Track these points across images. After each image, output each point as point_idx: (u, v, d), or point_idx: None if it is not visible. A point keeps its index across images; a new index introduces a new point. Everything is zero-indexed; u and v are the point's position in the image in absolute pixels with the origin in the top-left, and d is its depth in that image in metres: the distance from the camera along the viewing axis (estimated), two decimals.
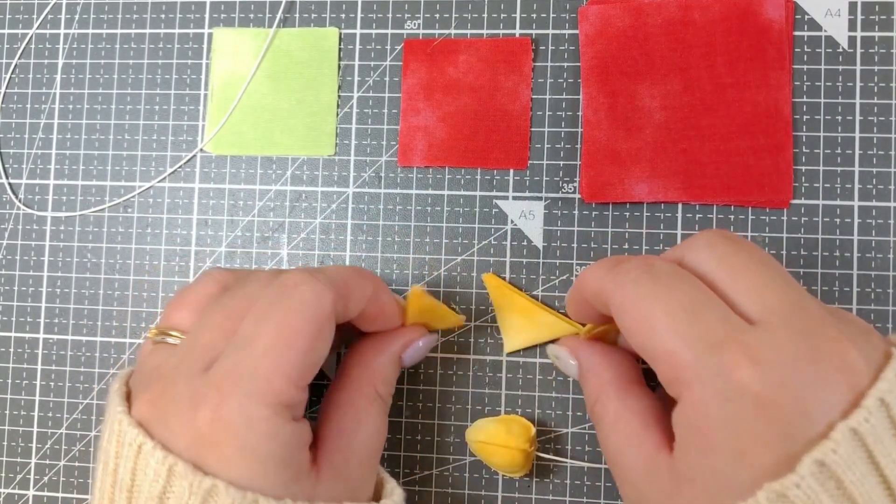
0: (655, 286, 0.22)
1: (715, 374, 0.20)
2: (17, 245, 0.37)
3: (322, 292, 0.24)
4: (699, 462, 0.21)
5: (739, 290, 0.22)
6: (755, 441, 0.19)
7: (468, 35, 0.35)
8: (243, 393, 0.22)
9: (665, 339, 0.21)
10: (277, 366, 0.22)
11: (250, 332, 0.23)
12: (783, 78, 0.32)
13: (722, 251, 0.23)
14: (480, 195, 0.34)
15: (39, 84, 0.37)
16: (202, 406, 0.22)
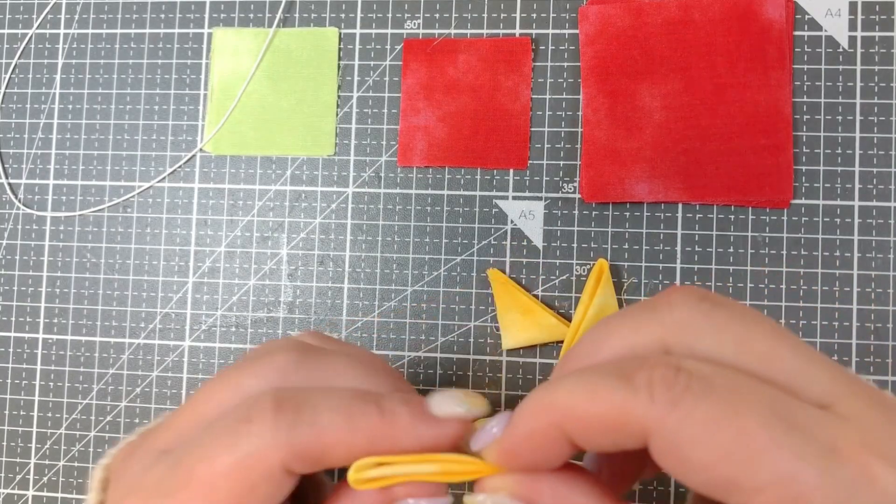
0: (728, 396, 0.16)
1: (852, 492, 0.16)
2: (17, 245, 0.37)
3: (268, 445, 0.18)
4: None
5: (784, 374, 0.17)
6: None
7: (468, 35, 0.35)
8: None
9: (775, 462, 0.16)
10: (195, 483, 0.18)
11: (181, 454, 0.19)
12: (783, 78, 0.32)
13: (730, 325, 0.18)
14: (480, 195, 0.34)
15: (39, 84, 0.37)
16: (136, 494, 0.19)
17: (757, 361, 0.17)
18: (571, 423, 0.18)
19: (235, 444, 0.18)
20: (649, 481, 0.32)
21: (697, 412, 0.16)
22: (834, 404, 0.17)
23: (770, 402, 0.16)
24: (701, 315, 0.19)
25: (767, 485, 0.16)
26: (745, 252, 0.33)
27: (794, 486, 0.16)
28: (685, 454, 0.16)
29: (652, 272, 0.33)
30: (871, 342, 0.32)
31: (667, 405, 0.16)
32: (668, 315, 0.19)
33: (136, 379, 0.35)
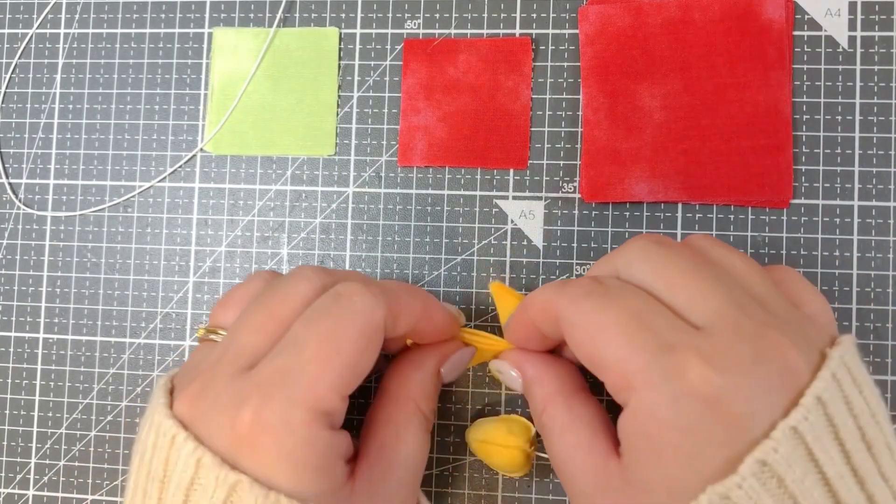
0: (605, 298, 0.22)
1: (665, 378, 0.20)
2: (17, 245, 0.37)
3: (375, 305, 0.24)
4: (650, 467, 0.21)
5: (680, 298, 0.22)
6: (705, 443, 0.20)
7: (468, 35, 0.35)
8: (285, 396, 0.22)
9: (615, 348, 0.21)
10: (323, 373, 0.22)
11: (299, 336, 0.23)
12: (783, 78, 0.32)
13: (655, 263, 0.23)
14: (480, 195, 0.34)
15: (39, 84, 0.37)
16: (243, 406, 0.22)
17: (662, 287, 0.23)
18: (529, 311, 0.26)
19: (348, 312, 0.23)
20: None
21: (585, 305, 0.23)
22: (705, 327, 0.21)
23: (640, 309, 0.22)
24: (641, 252, 0.24)
25: (611, 364, 0.22)
26: (745, 251, 0.33)
27: (623, 366, 0.21)
28: (572, 335, 0.23)
29: None
30: (870, 342, 0.32)
31: (571, 300, 0.23)
32: (621, 253, 0.24)
33: (136, 379, 0.35)
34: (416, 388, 0.27)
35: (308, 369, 0.22)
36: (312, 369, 0.22)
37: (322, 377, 0.22)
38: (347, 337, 0.23)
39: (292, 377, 0.22)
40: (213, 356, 0.24)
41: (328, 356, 0.22)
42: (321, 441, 0.22)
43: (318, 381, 0.22)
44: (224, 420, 0.22)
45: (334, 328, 0.23)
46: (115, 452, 0.35)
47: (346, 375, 0.23)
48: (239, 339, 0.24)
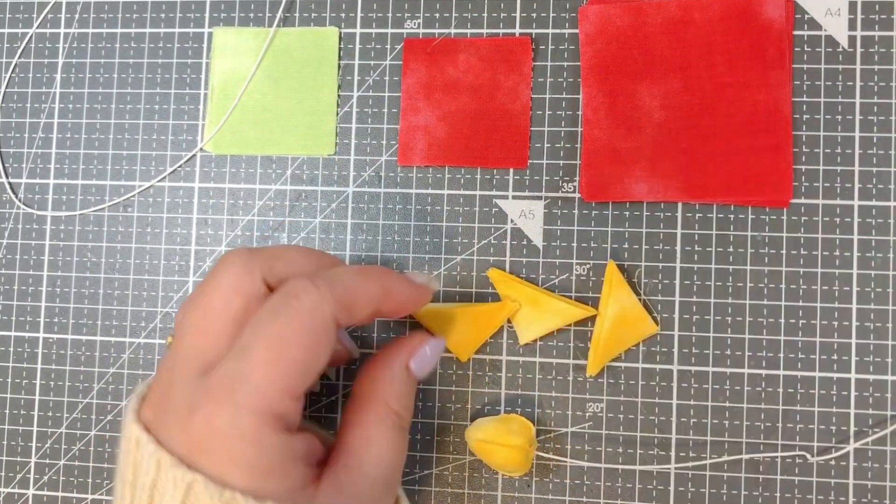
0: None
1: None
2: (17, 244, 0.37)
3: (322, 301, 0.23)
4: None
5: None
6: None
7: (468, 34, 0.35)
8: (234, 402, 0.22)
9: None
10: (271, 376, 0.22)
11: (247, 341, 0.23)
12: (783, 77, 0.32)
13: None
14: (480, 194, 0.34)
15: (39, 83, 0.37)
16: (195, 412, 0.22)
17: None
18: None
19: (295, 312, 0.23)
20: (650, 479, 0.32)
21: None
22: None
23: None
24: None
25: None
26: (745, 251, 0.33)
27: None
28: None
29: (652, 271, 0.33)
30: (870, 342, 0.32)
31: None
32: None
33: (136, 378, 0.35)
34: (385, 388, 0.27)
35: (255, 374, 0.22)
36: (260, 374, 0.22)
37: (270, 381, 0.22)
38: (294, 338, 0.23)
39: (240, 383, 0.22)
40: (167, 362, 0.25)
41: (275, 359, 0.22)
42: (272, 444, 0.22)
43: (266, 386, 0.22)
44: (179, 425, 0.22)
45: (281, 330, 0.23)
46: (116, 452, 0.35)
47: (294, 376, 0.23)
48: (184, 342, 0.24)
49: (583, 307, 0.32)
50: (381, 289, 0.26)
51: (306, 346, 0.23)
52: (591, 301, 0.33)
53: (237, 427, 0.22)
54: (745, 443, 0.32)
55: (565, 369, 0.33)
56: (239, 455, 0.22)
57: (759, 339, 0.32)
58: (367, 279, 0.26)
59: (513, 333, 0.33)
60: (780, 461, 0.32)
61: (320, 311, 0.23)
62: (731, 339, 0.33)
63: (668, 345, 0.33)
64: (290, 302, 0.23)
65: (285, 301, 0.23)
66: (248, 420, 0.22)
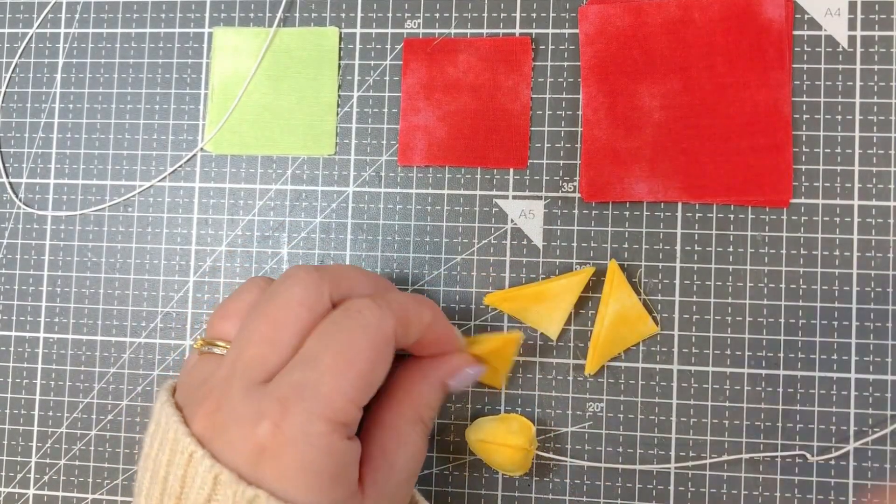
0: None
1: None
2: (18, 244, 0.37)
3: (384, 317, 0.24)
4: None
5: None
6: None
7: (468, 34, 0.35)
8: (305, 409, 0.22)
9: None
10: (340, 385, 0.23)
11: (314, 350, 0.24)
12: (783, 77, 0.32)
13: None
14: (480, 194, 0.34)
15: (39, 83, 0.37)
16: (263, 419, 0.22)
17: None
18: None
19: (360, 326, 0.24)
20: (650, 479, 0.32)
21: None
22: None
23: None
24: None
25: None
26: (745, 251, 0.33)
27: None
28: None
29: (652, 271, 0.33)
30: (870, 342, 0.32)
31: None
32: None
33: (136, 378, 0.35)
34: (421, 397, 0.27)
35: (325, 382, 0.23)
36: (329, 382, 0.23)
37: (339, 389, 0.23)
38: (361, 349, 0.24)
39: (310, 390, 0.23)
40: (222, 371, 0.25)
41: (344, 369, 0.23)
42: (340, 451, 0.23)
43: (336, 394, 0.23)
44: (244, 434, 0.22)
45: (348, 342, 0.24)
46: (116, 452, 0.35)
47: (361, 386, 0.23)
48: (247, 352, 0.24)
49: (579, 272, 0.33)
50: (431, 316, 0.27)
51: (371, 358, 0.24)
52: (591, 301, 0.33)
53: (309, 433, 0.22)
54: (745, 443, 0.32)
55: (565, 369, 0.33)
56: (310, 461, 0.22)
57: (759, 339, 0.32)
58: (420, 304, 0.27)
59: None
60: (780, 461, 0.32)
61: (383, 327, 0.24)
62: (731, 339, 0.33)
63: (668, 345, 0.33)
64: (354, 316, 0.24)
65: (350, 315, 0.24)
66: (320, 427, 0.22)
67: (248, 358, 0.24)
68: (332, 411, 0.23)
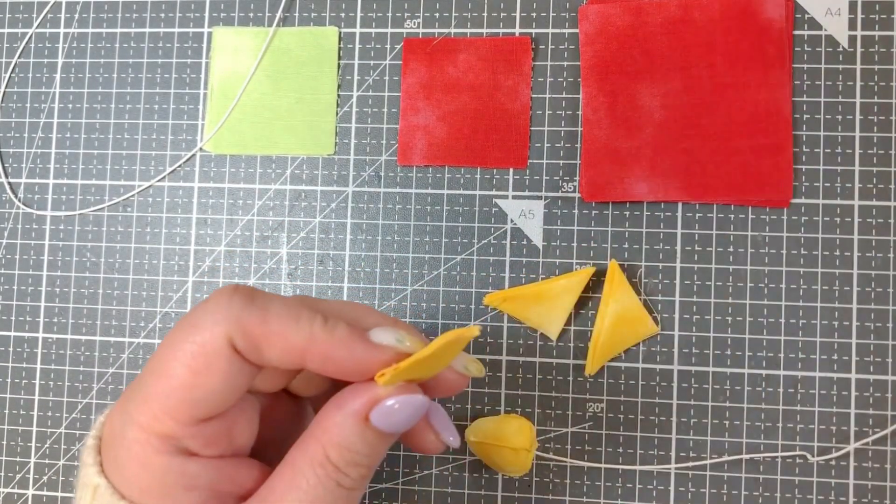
0: None
1: None
2: (17, 244, 0.37)
3: (216, 323, 0.20)
4: None
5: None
6: None
7: (468, 34, 0.35)
8: (126, 410, 0.21)
9: None
10: (154, 393, 0.21)
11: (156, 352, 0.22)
12: (783, 77, 0.32)
13: None
14: (480, 194, 0.34)
15: (39, 83, 0.37)
16: (109, 414, 0.22)
17: None
18: None
19: (193, 323, 0.21)
20: (650, 479, 0.32)
21: None
22: None
23: None
24: None
25: None
26: (745, 251, 0.33)
27: None
28: None
29: (652, 271, 0.33)
30: (871, 342, 0.32)
31: None
32: None
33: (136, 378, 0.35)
34: (332, 433, 0.21)
35: (143, 385, 0.21)
36: (147, 386, 0.21)
37: (152, 397, 0.21)
38: (179, 357, 0.20)
39: (135, 392, 0.21)
40: None
41: (160, 377, 0.21)
42: (155, 465, 0.21)
43: (150, 401, 0.21)
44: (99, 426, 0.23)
45: (170, 345, 0.21)
46: None
47: (179, 398, 0.20)
48: None
49: (579, 272, 0.33)
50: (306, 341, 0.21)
51: (192, 369, 0.20)
52: (591, 301, 0.33)
53: (125, 437, 0.21)
54: (745, 443, 0.32)
55: (565, 369, 0.33)
56: (124, 466, 0.21)
57: (759, 339, 0.32)
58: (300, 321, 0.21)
59: (512, 332, 0.33)
60: (780, 461, 0.32)
61: (211, 334, 0.20)
62: (731, 339, 0.32)
63: (668, 345, 0.33)
64: (188, 316, 0.21)
65: (196, 309, 0.21)
66: (133, 433, 0.21)
67: None
68: (146, 419, 0.20)
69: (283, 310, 0.21)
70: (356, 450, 0.21)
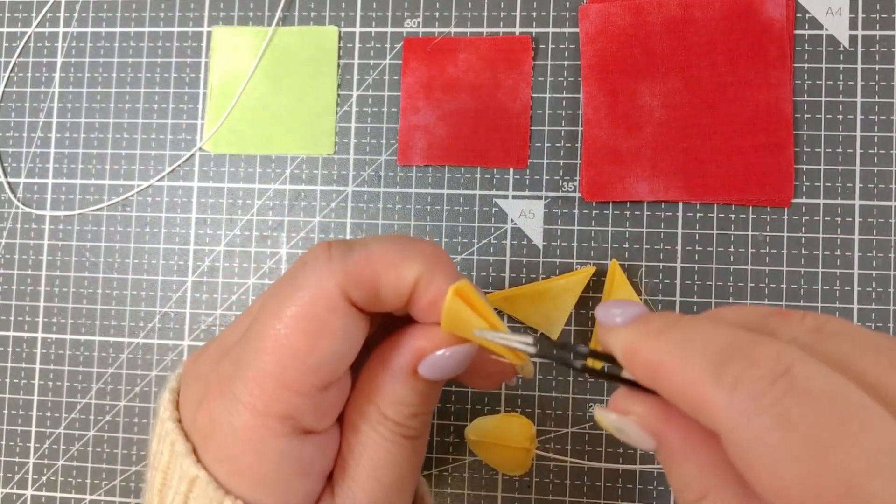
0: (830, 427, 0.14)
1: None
2: (16, 244, 0.37)
3: (324, 277, 0.19)
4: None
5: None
6: None
7: (468, 33, 0.35)
8: (233, 395, 0.19)
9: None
10: (268, 368, 0.19)
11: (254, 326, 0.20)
12: (784, 76, 0.32)
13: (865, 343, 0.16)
14: (480, 194, 0.34)
15: (38, 83, 0.37)
16: (203, 402, 0.20)
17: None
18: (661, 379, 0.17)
19: (296, 286, 0.19)
20: (650, 480, 0.32)
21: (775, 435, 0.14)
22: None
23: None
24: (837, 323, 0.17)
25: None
26: (746, 251, 0.33)
27: None
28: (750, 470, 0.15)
29: (652, 271, 0.33)
30: None
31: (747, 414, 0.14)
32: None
33: (135, 378, 0.35)
34: (382, 390, 0.21)
35: (252, 363, 0.19)
36: (255, 366, 0.19)
37: (266, 374, 0.19)
38: (290, 324, 0.19)
39: (239, 373, 0.19)
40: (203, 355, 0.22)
41: (270, 351, 0.19)
42: (272, 450, 0.19)
43: (262, 379, 0.19)
44: (191, 414, 0.20)
45: (278, 311, 0.19)
46: (114, 452, 0.35)
47: (299, 370, 0.19)
48: (225, 333, 0.22)
49: (579, 272, 0.33)
50: (419, 271, 0.19)
51: (306, 332, 0.19)
52: (591, 301, 0.33)
53: (233, 424, 0.19)
54: None
55: (565, 369, 0.33)
56: (234, 457, 0.19)
57: None
58: (405, 255, 0.20)
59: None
60: None
61: (320, 290, 0.19)
62: None
63: None
64: (293, 279, 0.19)
65: (292, 277, 0.20)
66: (245, 418, 0.19)
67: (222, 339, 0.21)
68: (261, 400, 0.19)
69: (386, 246, 0.20)
70: (410, 402, 0.21)
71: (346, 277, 0.19)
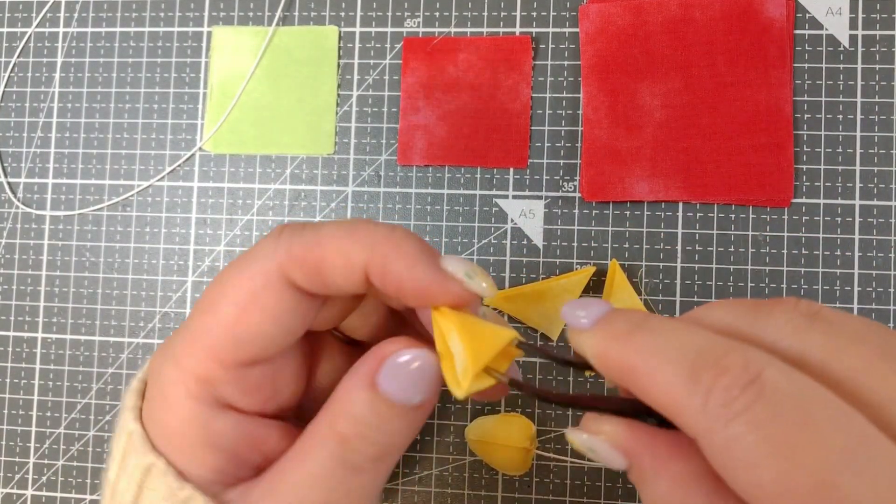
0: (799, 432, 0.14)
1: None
2: (16, 244, 0.37)
3: (267, 257, 0.19)
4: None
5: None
6: None
7: (468, 33, 0.35)
8: (169, 350, 0.20)
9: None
10: (199, 331, 0.19)
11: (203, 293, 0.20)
12: (784, 76, 0.32)
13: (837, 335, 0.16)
14: (480, 194, 0.34)
15: (38, 83, 0.37)
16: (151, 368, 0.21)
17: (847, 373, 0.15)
18: (634, 383, 0.16)
19: (244, 260, 0.19)
20: None
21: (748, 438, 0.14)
22: None
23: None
24: (806, 320, 0.16)
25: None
26: (746, 251, 0.33)
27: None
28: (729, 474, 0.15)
29: (652, 271, 0.33)
30: None
31: (718, 420, 0.15)
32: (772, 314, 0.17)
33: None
34: (341, 401, 0.19)
35: (188, 323, 0.20)
36: (191, 325, 0.19)
37: (197, 335, 0.19)
38: (227, 292, 0.19)
39: (179, 331, 0.20)
40: None
41: (204, 313, 0.19)
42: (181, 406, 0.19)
43: (193, 339, 0.19)
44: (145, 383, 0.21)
45: (220, 282, 0.19)
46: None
47: (222, 337, 0.19)
48: None
49: (579, 272, 0.33)
50: (370, 254, 0.19)
51: (236, 302, 0.19)
52: None
53: (160, 376, 0.20)
54: None
55: (565, 369, 0.33)
56: (154, 408, 0.19)
57: None
58: (353, 237, 0.19)
59: None
60: None
61: (264, 267, 0.19)
62: None
63: None
64: (249, 250, 0.20)
65: (246, 252, 0.20)
66: (170, 371, 0.19)
67: None
68: (185, 357, 0.19)
69: (337, 229, 0.19)
70: (366, 421, 0.19)
71: (289, 258, 0.19)
